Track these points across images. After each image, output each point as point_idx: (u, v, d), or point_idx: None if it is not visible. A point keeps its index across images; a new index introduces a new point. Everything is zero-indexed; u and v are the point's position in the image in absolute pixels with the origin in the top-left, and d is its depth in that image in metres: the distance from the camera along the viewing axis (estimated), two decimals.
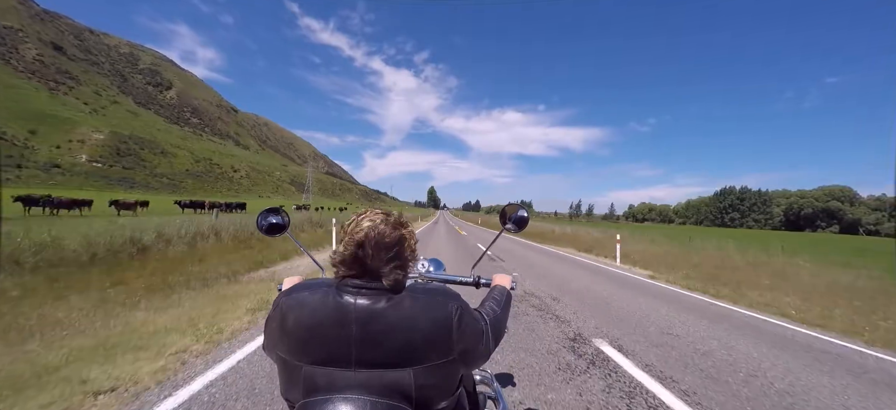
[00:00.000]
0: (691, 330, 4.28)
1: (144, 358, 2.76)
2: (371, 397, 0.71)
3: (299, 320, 0.77)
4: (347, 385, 0.72)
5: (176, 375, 2.57)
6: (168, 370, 2.62)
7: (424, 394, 0.75)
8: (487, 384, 1.38)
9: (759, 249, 12.14)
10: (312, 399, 0.72)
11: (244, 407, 2.21)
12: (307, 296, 0.79)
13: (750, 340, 4.04)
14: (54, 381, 2.34)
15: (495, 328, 0.94)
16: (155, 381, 2.46)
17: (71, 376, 2.43)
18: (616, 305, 5.41)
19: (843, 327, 4.71)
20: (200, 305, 4.28)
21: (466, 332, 0.80)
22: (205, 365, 2.75)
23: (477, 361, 0.86)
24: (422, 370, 0.74)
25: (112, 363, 2.65)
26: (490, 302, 1.03)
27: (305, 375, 0.75)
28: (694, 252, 11.72)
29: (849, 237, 73.40)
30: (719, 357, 3.44)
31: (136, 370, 2.57)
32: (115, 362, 2.68)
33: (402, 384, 0.73)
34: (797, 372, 3.19)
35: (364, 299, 0.76)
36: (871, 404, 2.69)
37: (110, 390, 2.31)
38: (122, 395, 2.27)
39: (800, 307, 5.62)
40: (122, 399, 2.23)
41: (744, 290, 6.86)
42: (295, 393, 0.77)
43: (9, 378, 2.38)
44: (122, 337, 3.14)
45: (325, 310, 0.76)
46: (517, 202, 1.28)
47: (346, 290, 0.77)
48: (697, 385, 2.83)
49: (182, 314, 3.90)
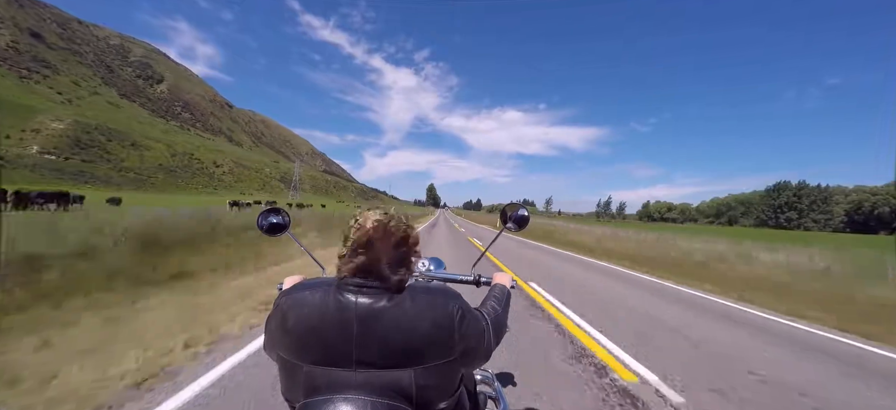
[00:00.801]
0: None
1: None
2: (371, 397, 0.76)
3: (300, 319, 0.83)
4: (348, 385, 0.78)
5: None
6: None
7: (425, 394, 0.80)
8: (488, 383, 1.47)
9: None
10: (313, 400, 0.78)
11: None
12: (308, 295, 0.85)
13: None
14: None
15: (496, 328, 1.01)
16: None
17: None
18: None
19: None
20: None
21: (468, 332, 0.86)
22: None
23: (478, 361, 0.93)
24: (422, 370, 0.80)
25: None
26: (491, 301, 1.10)
27: (306, 375, 0.80)
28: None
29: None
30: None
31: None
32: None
33: (403, 384, 0.78)
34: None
35: (365, 298, 0.81)
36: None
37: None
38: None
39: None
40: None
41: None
42: (295, 393, 0.83)
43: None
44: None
45: (326, 309, 0.81)
46: (518, 202, 1.39)
47: (347, 289, 0.82)
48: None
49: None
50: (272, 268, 7.48)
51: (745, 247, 14.28)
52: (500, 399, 1.44)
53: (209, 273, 6.41)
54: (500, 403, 1.43)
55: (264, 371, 2.94)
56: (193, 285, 5.66)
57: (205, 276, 6.22)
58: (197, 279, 6.01)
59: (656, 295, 7.21)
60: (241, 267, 7.20)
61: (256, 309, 4.50)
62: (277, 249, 8.86)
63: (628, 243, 17.61)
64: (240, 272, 6.89)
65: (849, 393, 3.32)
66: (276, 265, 7.79)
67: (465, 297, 0.92)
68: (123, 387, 2.62)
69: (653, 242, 17.53)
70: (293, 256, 8.75)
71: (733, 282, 9.06)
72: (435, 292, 0.88)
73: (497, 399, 1.44)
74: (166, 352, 3.16)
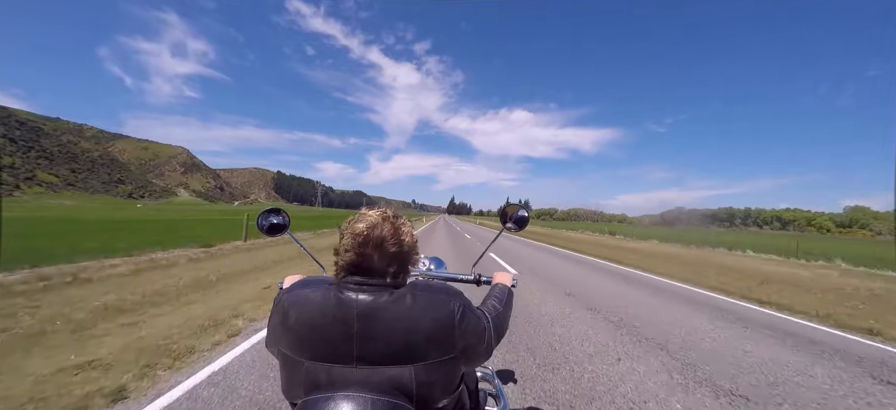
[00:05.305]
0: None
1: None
2: (372, 394, 0.77)
3: (301, 316, 0.84)
4: (348, 382, 0.79)
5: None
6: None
7: (425, 391, 0.81)
8: (489, 381, 1.50)
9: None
10: (313, 397, 0.79)
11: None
12: (309, 292, 0.86)
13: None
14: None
15: (497, 327, 1.02)
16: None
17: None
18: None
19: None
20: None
21: (468, 330, 0.87)
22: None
23: (479, 359, 0.93)
24: (423, 367, 0.81)
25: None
26: (492, 300, 1.12)
27: (307, 371, 0.81)
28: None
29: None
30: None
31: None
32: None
33: (403, 381, 0.79)
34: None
35: (366, 295, 0.82)
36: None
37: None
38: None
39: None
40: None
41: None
42: (296, 390, 0.83)
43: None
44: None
45: (327, 306, 0.83)
46: (517, 203, 1.42)
47: (348, 287, 0.84)
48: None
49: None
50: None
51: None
52: (501, 396, 1.45)
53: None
54: (500, 400, 1.44)
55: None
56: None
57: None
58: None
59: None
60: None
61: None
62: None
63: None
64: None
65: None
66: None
67: (465, 296, 0.92)
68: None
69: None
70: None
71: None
72: (436, 290, 0.89)
73: (497, 396, 1.46)
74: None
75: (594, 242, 24.19)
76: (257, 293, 5.51)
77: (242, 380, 2.76)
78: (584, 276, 8.84)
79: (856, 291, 8.33)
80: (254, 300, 5.04)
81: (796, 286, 8.80)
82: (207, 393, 2.55)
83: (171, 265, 7.64)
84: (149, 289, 5.37)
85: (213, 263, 8.34)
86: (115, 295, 4.95)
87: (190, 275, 6.65)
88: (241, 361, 3.12)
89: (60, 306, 4.37)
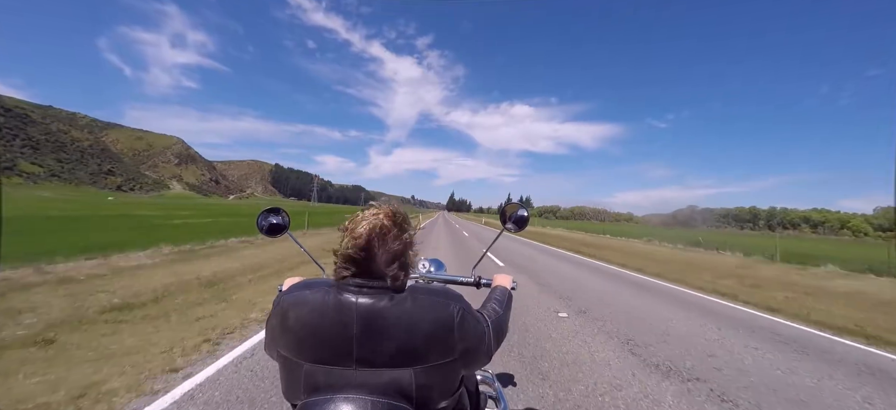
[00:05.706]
0: None
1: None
2: (371, 396, 0.77)
3: (300, 318, 0.83)
4: (348, 384, 0.78)
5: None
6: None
7: (425, 394, 0.81)
8: (489, 383, 1.49)
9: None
10: (313, 399, 0.78)
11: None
12: (308, 294, 0.86)
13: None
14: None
15: (497, 330, 1.02)
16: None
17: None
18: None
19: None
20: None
21: (468, 333, 0.87)
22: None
23: (479, 362, 0.93)
24: (422, 370, 0.80)
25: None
26: (492, 303, 1.11)
27: (306, 373, 0.81)
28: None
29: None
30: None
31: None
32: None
33: (403, 383, 0.79)
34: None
35: (365, 298, 0.81)
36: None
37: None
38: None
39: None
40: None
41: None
42: (296, 393, 0.83)
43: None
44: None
45: (326, 308, 0.82)
46: (517, 201, 1.39)
47: (348, 289, 0.83)
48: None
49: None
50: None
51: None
52: (501, 399, 1.45)
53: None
54: (500, 403, 1.44)
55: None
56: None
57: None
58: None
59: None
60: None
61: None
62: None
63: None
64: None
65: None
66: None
67: (465, 299, 0.91)
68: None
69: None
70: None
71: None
72: (436, 293, 0.88)
73: (497, 399, 1.45)
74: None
75: (626, 250, 18.54)
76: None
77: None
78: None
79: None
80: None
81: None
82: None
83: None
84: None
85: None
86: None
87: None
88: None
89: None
